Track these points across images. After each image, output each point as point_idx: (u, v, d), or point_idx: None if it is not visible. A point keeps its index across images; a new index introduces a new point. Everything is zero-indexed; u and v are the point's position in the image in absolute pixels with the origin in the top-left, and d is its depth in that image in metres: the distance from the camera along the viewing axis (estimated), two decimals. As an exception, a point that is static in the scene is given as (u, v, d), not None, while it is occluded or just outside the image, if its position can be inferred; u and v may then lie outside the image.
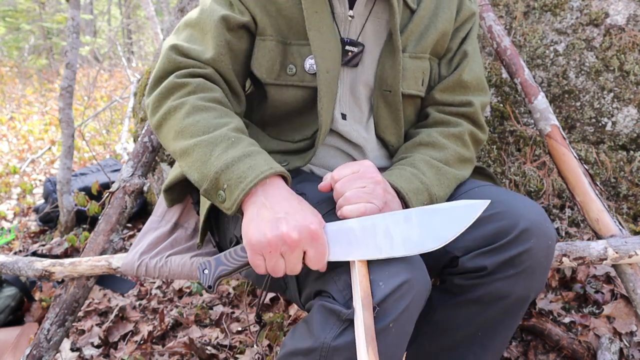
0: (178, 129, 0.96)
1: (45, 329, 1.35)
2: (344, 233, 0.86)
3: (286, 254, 0.83)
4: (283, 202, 0.85)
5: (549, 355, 1.52)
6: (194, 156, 0.92)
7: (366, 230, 0.86)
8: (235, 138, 0.93)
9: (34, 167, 4.65)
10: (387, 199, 0.94)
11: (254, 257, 0.85)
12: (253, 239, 0.83)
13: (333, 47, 1.06)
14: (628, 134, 1.73)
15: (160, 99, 1.02)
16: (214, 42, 1.04)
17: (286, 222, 0.82)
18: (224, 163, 0.89)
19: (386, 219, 0.86)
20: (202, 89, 1.01)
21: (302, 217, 0.83)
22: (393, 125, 1.15)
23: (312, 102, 1.09)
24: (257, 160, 0.89)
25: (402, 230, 0.85)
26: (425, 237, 0.85)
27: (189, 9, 2.19)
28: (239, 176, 0.87)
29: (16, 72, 10.60)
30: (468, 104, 1.15)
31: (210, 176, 0.89)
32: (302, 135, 1.13)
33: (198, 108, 0.97)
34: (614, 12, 1.73)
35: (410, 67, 1.12)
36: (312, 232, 0.82)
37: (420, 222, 0.86)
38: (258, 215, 0.84)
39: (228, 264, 0.91)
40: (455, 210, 0.87)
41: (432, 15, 1.13)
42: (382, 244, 0.84)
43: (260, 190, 0.87)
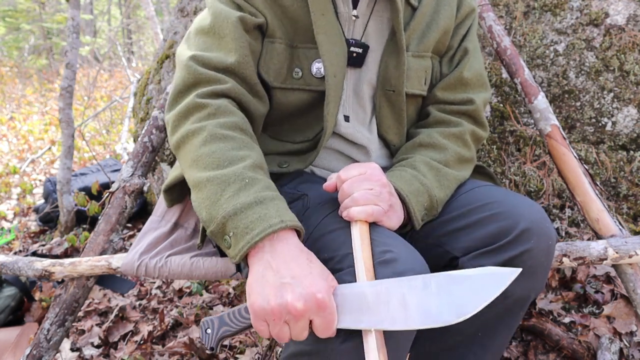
0: (194, 156, 0.92)
1: (45, 329, 1.35)
2: (356, 298, 0.80)
3: (291, 322, 0.78)
4: (291, 263, 0.79)
5: (549, 355, 1.52)
6: (205, 193, 0.87)
7: (380, 297, 0.79)
8: (249, 179, 0.87)
9: (34, 167, 4.65)
10: (392, 202, 0.94)
11: (257, 323, 0.80)
12: (256, 305, 0.78)
13: (340, 49, 1.05)
14: (628, 134, 1.73)
15: (179, 119, 0.98)
16: (236, 44, 1.01)
17: (292, 289, 0.76)
18: (233, 208, 0.83)
19: (402, 285, 0.79)
20: (222, 112, 0.96)
21: (310, 282, 0.77)
22: (395, 125, 1.14)
23: (315, 104, 1.08)
24: (268, 210, 0.83)
25: (420, 299, 0.78)
26: (443, 309, 0.77)
27: (189, 9, 2.19)
28: (246, 226, 0.81)
29: (16, 72, 10.60)
30: (469, 101, 1.15)
31: (218, 220, 0.84)
32: (303, 137, 1.12)
33: (215, 136, 0.92)
34: (614, 12, 1.73)
35: (414, 66, 1.11)
36: (319, 302, 0.76)
37: (439, 290, 0.78)
38: (263, 277, 0.79)
39: (232, 325, 0.86)
40: (480, 279, 0.78)
41: (434, 12, 1.13)
42: (396, 314, 0.78)
43: (268, 246, 0.81)
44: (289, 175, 1.12)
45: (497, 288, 0.78)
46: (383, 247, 0.86)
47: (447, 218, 1.02)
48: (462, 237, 0.98)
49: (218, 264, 1.24)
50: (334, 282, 0.81)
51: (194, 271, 1.25)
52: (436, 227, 1.02)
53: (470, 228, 0.97)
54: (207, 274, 1.24)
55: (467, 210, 1.00)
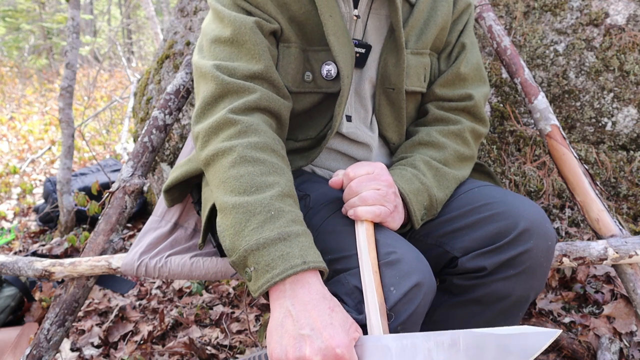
0: (222, 178, 0.90)
1: (45, 329, 1.35)
2: (379, 352, 0.76)
3: None
4: (312, 312, 0.76)
5: (549, 355, 1.52)
6: (230, 220, 0.85)
7: (405, 353, 0.75)
8: (275, 211, 0.84)
9: (34, 167, 4.65)
10: (397, 203, 0.94)
11: None
12: (274, 355, 0.76)
13: (349, 50, 1.05)
14: (628, 134, 1.73)
15: (209, 134, 0.95)
16: (258, 50, 1.00)
17: (310, 342, 0.74)
18: (256, 243, 0.81)
19: (429, 341, 0.75)
20: (253, 131, 0.93)
21: (329, 336, 0.74)
22: (395, 122, 1.14)
23: (322, 105, 1.08)
24: (292, 249, 0.80)
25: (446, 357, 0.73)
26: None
27: (189, 9, 2.19)
28: (267, 263, 0.79)
29: (16, 72, 10.60)
30: (468, 97, 1.15)
31: (240, 252, 0.82)
32: (305, 135, 1.12)
33: (245, 159, 0.90)
34: (614, 12, 1.73)
35: (413, 64, 1.11)
36: (338, 357, 0.73)
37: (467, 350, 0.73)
38: (282, 326, 0.77)
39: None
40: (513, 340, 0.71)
41: (431, 9, 1.13)
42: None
43: (289, 289, 0.79)
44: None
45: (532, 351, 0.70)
46: (387, 248, 0.86)
47: (446, 218, 1.02)
48: (461, 237, 0.98)
49: (218, 264, 1.24)
50: (356, 332, 0.78)
51: (194, 271, 1.25)
52: (436, 227, 1.02)
53: (470, 228, 0.97)
54: (207, 274, 1.24)
55: (466, 211, 1.00)
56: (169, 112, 1.57)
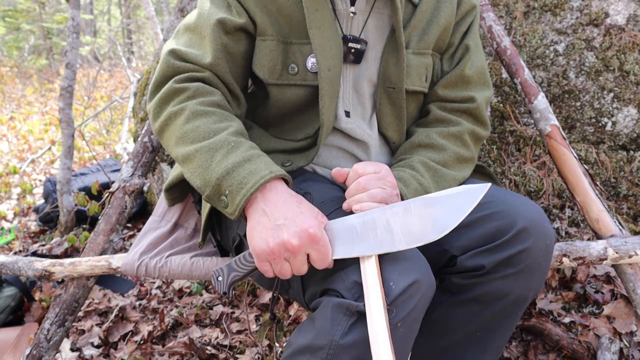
0: (179, 134, 0.98)
1: (45, 329, 1.35)
2: (346, 230, 0.87)
3: (290, 258, 0.85)
4: (282, 206, 0.87)
5: (549, 355, 1.52)
6: (195, 163, 0.94)
7: (367, 226, 0.87)
8: (235, 142, 0.94)
9: (34, 167, 4.65)
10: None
11: (260, 264, 0.88)
12: (257, 248, 0.86)
13: (334, 44, 1.06)
14: (628, 134, 1.73)
15: (160, 105, 1.03)
16: (211, 47, 1.05)
17: (286, 228, 0.84)
18: (225, 169, 0.90)
19: (386, 213, 0.87)
20: (201, 93, 1.01)
21: (301, 221, 0.85)
22: (396, 122, 1.14)
23: (314, 100, 1.09)
24: (257, 165, 0.90)
25: (402, 222, 0.85)
26: (426, 228, 0.85)
27: (189, 9, 2.19)
28: (239, 182, 0.89)
29: (16, 72, 10.60)
30: (470, 99, 1.15)
31: (212, 182, 0.91)
32: (304, 134, 1.12)
33: (197, 113, 0.98)
34: (614, 12, 1.73)
35: (414, 64, 1.11)
36: (312, 236, 0.84)
37: (419, 213, 0.85)
38: (259, 223, 0.87)
39: (239, 270, 0.94)
40: (455, 197, 0.85)
41: (434, 9, 1.13)
42: (383, 238, 0.85)
43: (260, 196, 0.88)
44: (292, 174, 1.12)
45: (471, 202, 0.84)
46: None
47: (446, 218, 1.02)
48: (460, 236, 0.98)
49: (218, 264, 1.24)
50: (323, 218, 0.88)
51: (194, 271, 1.25)
52: (436, 226, 1.03)
53: (469, 227, 0.97)
54: (207, 274, 1.24)
55: (466, 210, 1.00)
56: (169, 112, 1.57)
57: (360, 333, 0.81)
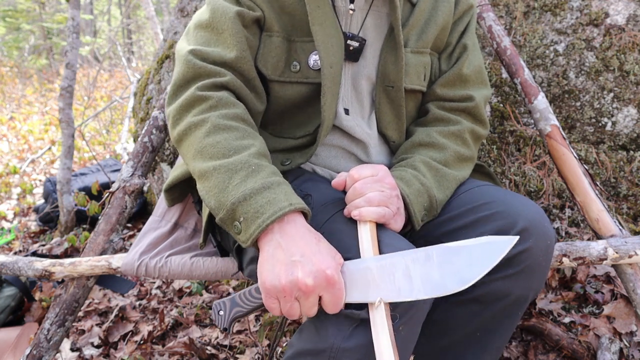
0: (198, 147, 0.93)
1: (45, 329, 1.35)
2: (362, 273, 0.82)
3: (301, 299, 0.80)
4: (300, 242, 0.81)
5: (549, 355, 1.52)
6: (212, 181, 0.89)
7: (384, 270, 0.82)
8: (255, 166, 0.89)
9: (34, 167, 4.65)
10: (399, 205, 0.95)
11: (268, 301, 0.82)
12: (267, 283, 0.80)
13: (336, 41, 1.06)
14: (628, 134, 1.73)
15: (181, 112, 0.99)
16: (234, 40, 1.02)
17: (302, 266, 0.79)
18: (242, 194, 0.85)
19: (405, 258, 0.82)
20: (224, 104, 0.97)
21: (319, 260, 0.79)
22: (395, 121, 1.14)
23: (314, 97, 1.08)
24: (277, 194, 0.85)
25: (423, 270, 0.81)
26: (446, 278, 0.80)
27: (189, 9, 2.19)
28: (256, 210, 0.83)
29: (16, 72, 10.60)
30: (469, 98, 1.15)
31: (227, 206, 0.86)
32: (303, 132, 1.12)
33: (219, 127, 0.93)
34: (614, 12, 1.73)
35: (413, 63, 1.12)
36: (329, 278, 0.79)
37: (441, 261, 0.81)
38: (273, 257, 0.81)
39: (243, 306, 0.89)
40: (479, 248, 0.81)
41: (432, 9, 1.13)
42: (402, 285, 0.80)
43: (277, 228, 0.83)
44: (292, 174, 1.12)
45: (496, 256, 0.80)
46: (390, 249, 0.86)
47: (446, 217, 1.02)
48: (461, 237, 0.97)
49: (218, 264, 1.24)
50: (341, 259, 0.83)
51: (194, 271, 1.25)
52: (435, 226, 1.03)
53: (469, 227, 0.97)
54: (207, 274, 1.24)
55: (466, 210, 1.00)
56: (169, 112, 1.57)
57: (363, 337, 0.80)
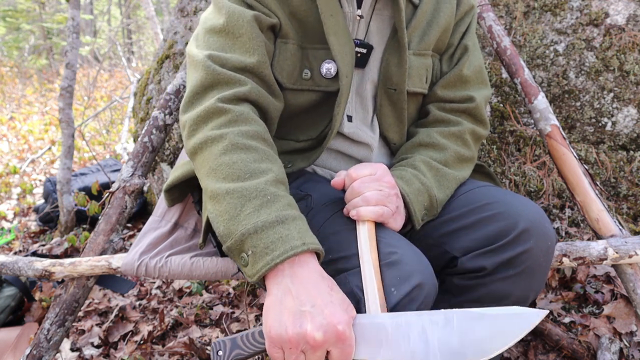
0: (213, 165, 0.89)
1: (45, 329, 1.35)
2: (375, 330, 0.78)
3: (308, 352, 0.76)
4: (312, 290, 0.77)
5: (549, 355, 1.52)
6: (223, 206, 0.84)
7: (400, 330, 0.77)
8: (271, 196, 0.84)
9: (34, 167, 4.65)
10: (399, 204, 0.94)
11: (272, 350, 0.78)
12: (272, 332, 0.76)
13: (349, 50, 1.05)
14: (628, 134, 1.73)
15: (198, 123, 0.94)
16: (253, 44, 0.99)
17: (311, 318, 0.74)
18: (253, 226, 0.80)
19: (423, 319, 0.77)
20: (244, 120, 0.93)
21: (330, 313, 0.75)
22: (396, 123, 1.14)
23: (322, 104, 1.08)
24: (290, 231, 0.80)
25: (441, 335, 0.76)
26: (466, 348, 0.75)
27: (189, 9, 2.19)
28: (266, 246, 0.79)
29: (16, 72, 10.60)
30: (469, 99, 1.15)
31: (236, 236, 0.81)
32: (306, 136, 1.12)
33: (237, 146, 0.89)
34: (614, 12, 1.73)
35: (415, 65, 1.12)
36: (339, 334, 0.75)
37: (461, 327, 0.75)
38: (281, 303, 0.77)
39: (244, 349, 0.84)
40: (504, 319, 0.75)
41: (434, 10, 1.13)
42: (417, 348, 0.76)
43: (288, 269, 0.78)
44: (292, 175, 1.12)
45: (522, 330, 0.74)
46: (389, 249, 0.86)
47: (446, 218, 1.02)
48: (461, 237, 0.98)
49: (218, 264, 1.24)
50: (353, 312, 0.79)
51: (194, 271, 1.25)
52: (436, 227, 1.02)
53: (470, 228, 0.97)
54: (207, 274, 1.24)
55: (466, 211, 1.00)
56: (169, 112, 1.57)
57: None
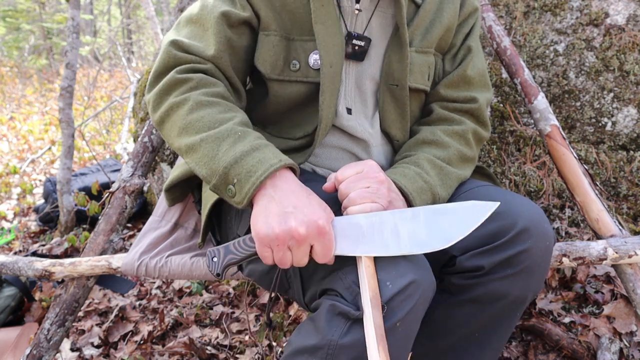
0: (182, 125, 0.96)
1: (45, 329, 1.35)
2: (352, 228, 0.87)
3: (293, 247, 0.84)
4: (291, 195, 0.86)
5: (549, 355, 1.52)
6: (201, 152, 0.92)
7: (374, 227, 0.86)
8: (241, 132, 0.92)
9: (34, 167, 4.65)
10: (392, 198, 0.94)
11: (261, 249, 0.86)
12: (261, 232, 0.84)
13: (337, 41, 1.06)
14: (628, 134, 1.73)
15: (161, 95, 1.01)
16: (215, 39, 1.03)
17: (294, 216, 0.83)
18: (233, 158, 0.89)
19: (394, 216, 0.87)
20: (204, 84, 1.00)
21: (311, 211, 0.84)
22: (399, 119, 1.15)
23: (314, 97, 1.09)
24: (266, 154, 0.89)
25: (410, 228, 0.85)
26: (432, 237, 0.85)
27: (189, 9, 2.19)
28: (248, 170, 0.87)
29: (16, 72, 10.60)
30: (472, 100, 1.15)
31: (220, 171, 0.89)
32: (303, 132, 1.12)
33: (202, 103, 0.96)
34: (614, 12, 1.73)
35: (417, 62, 1.12)
36: (320, 228, 0.83)
37: (427, 221, 0.86)
38: (267, 209, 0.85)
39: (236, 253, 0.92)
40: (463, 210, 0.86)
41: (437, 10, 1.14)
42: (389, 241, 0.85)
43: (270, 184, 0.87)
44: None
45: (479, 218, 0.85)
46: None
47: (446, 218, 1.02)
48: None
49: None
50: (331, 213, 0.87)
51: (194, 271, 1.25)
52: (436, 227, 1.03)
53: (470, 228, 0.97)
54: (207, 274, 1.24)
55: (466, 210, 1.00)
56: (169, 112, 1.57)
57: (360, 333, 0.81)
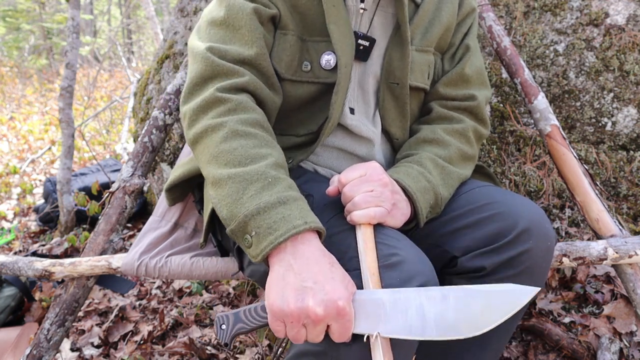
0: (214, 152, 0.91)
1: (45, 329, 1.35)
2: (374, 305, 0.80)
3: (309, 326, 0.78)
4: (313, 266, 0.79)
5: (549, 355, 1.52)
6: (226, 190, 0.87)
7: (397, 305, 0.80)
8: (272, 178, 0.86)
9: (34, 167, 4.65)
10: (396, 200, 0.94)
11: (274, 323, 0.80)
12: (275, 306, 0.78)
13: (349, 41, 1.06)
14: (628, 134, 1.73)
15: (198, 113, 0.97)
16: (253, 36, 1.01)
17: (313, 294, 0.76)
18: (256, 207, 0.83)
19: (421, 295, 0.80)
20: (243, 108, 0.95)
21: (332, 288, 0.77)
22: (399, 118, 1.15)
23: (321, 96, 1.09)
24: (292, 211, 0.82)
25: (437, 310, 0.79)
26: (461, 322, 0.78)
27: (189, 9, 2.19)
28: (269, 226, 0.81)
29: (16, 72, 10.60)
30: (471, 97, 1.16)
31: (239, 218, 0.84)
32: (307, 129, 1.12)
33: (237, 133, 0.92)
34: (614, 12, 1.73)
35: (417, 60, 1.13)
36: (340, 309, 0.76)
37: (457, 303, 0.79)
38: (284, 279, 0.79)
39: (247, 323, 0.86)
40: (497, 294, 0.79)
41: (436, 9, 1.15)
42: (414, 323, 0.79)
43: (290, 247, 0.80)
44: (293, 173, 1.12)
45: (515, 305, 0.78)
46: (389, 250, 0.86)
47: (447, 218, 1.02)
48: (461, 237, 0.98)
49: (218, 264, 1.24)
50: (353, 288, 0.80)
51: (194, 271, 1.25)
52: (436, 227, 1.02)
53: (470, 228, 0.97)
54: (207, 274, 1.24)
55: (466, 211, 1.00)
56: (169, 112, 1.57)
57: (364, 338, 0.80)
